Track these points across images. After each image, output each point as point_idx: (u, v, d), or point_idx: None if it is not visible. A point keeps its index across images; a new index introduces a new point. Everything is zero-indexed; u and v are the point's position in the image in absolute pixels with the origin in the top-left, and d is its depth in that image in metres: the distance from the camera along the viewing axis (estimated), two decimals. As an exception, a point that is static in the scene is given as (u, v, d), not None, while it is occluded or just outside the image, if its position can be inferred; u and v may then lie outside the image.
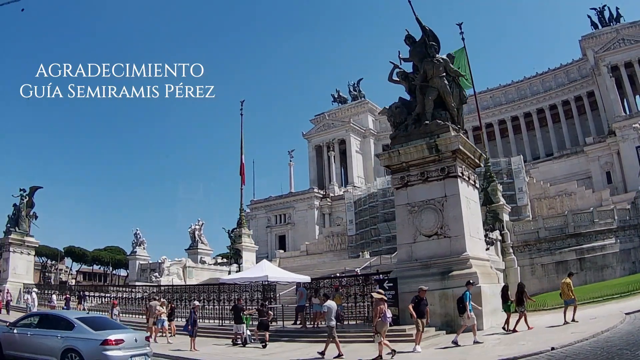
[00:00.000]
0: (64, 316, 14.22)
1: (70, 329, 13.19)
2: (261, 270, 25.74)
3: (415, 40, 23.48)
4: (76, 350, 12.66)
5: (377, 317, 15.40)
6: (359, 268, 41.31)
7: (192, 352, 17.88)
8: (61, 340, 13.01)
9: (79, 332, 13.04)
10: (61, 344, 12.95)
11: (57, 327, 13.52)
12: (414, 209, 21.10)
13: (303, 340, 19.59)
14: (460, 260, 19.98)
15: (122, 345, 12.75)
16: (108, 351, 12.41)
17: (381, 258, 47.97)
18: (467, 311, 16.43)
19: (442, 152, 20.89)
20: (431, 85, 22.14)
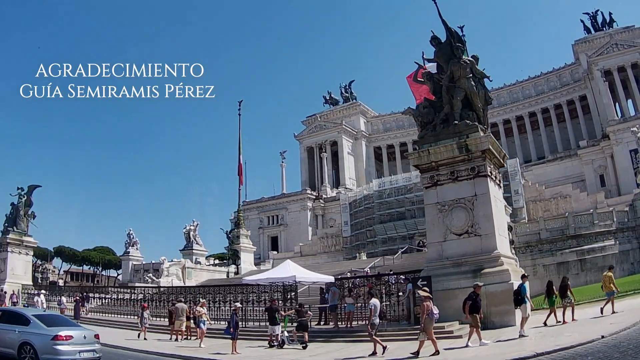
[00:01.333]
0: (22, 312, 15.96)
1: (27, 325, 14.76)
2: (287, 271, 25.94)
3: (440, 42, 23.95)
4: (31, 343, 14.20)
5: (424, 314, 15.77)
6: (367, 268, 41.61)
7: (234, 356, 17.83)
8: (18, 334, 14.61)
9: (34, 328, 14.59)
10: (18, 337, 14.53)
11: (16, 323, 15.08)
12: (444, 208, 21.58)
13: (340, 341, 19.77)
14: (491, 258, 20.49)
15: (71, 340, 14.27)
16: (58, 345, 13.98)
17: (384, 259, 48.31)
18: (524, 303, 16.95)
19: (472, 152, 21.39)
20: (458, 86, 22.63)
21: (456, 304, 19.79)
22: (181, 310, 23.49)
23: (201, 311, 21.89)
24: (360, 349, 16.46)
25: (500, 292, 19.72)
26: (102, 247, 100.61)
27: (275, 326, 20.11)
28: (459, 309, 19.57)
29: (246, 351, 18.80)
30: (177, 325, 23.42)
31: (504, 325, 19.20)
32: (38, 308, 33.35)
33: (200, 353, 18.66)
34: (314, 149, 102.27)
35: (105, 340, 22.36)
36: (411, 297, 20.62)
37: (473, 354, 14.42)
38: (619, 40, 75.80)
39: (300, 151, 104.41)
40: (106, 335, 24.62)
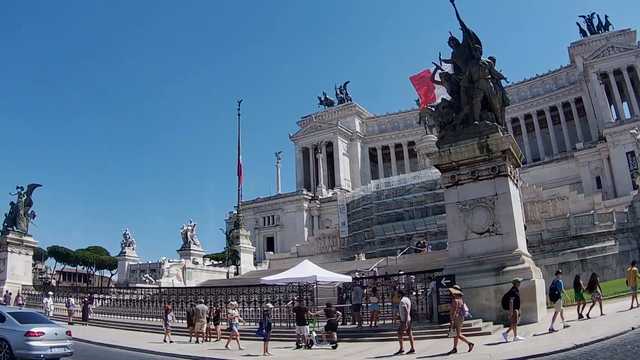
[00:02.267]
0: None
1: (2, 322, 15.67)
2: (306, 271, 26.04)
3: (458, 43, 24.37)
4: (5, 339, 15.13)
5: (455, 311, 16.11)
6: (375, 268, 41.94)
7: (266, 357, 17.79)
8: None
9: (9, 325, 15.52)
10: None
11: None
12: (465, 207, 21.99)
13: (368, 340, 19.86)
14: (513, 257, 20.94)
15: (42, 337, 15.27)
16: (30, 341, 14.92)
17: (387, 259, 48.67)
18: (560, 298, 17.38)
19: (492, 152, 21.84)
20: (477, 87, 23.05)
21: (479, 301, 20.30)
22: (202, 311, 23.27)
23: (233, 313, 21.58)
24: (391, 347, 16.51)
25: (522, 290, 20.03)
26: (95, 247, 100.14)
27: (303, 326, 19.99)
28: (481, 306, 20.14)
29: (276, 352, 18.69)
30: (197, 327, 23.21)
31: (526, 322, 19.47)
32: (48, 310, 33.25)
33: (232, 355, 18.59)
34: (309, 149, 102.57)
35: (129, 344, 22.28)
36: (434, 296, 20.90)
37: (512, 348, 14.74)
38: (615, 43, 76.91)
39: (295, 152, 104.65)
40: (126, 339, 24.62)
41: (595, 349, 13.01)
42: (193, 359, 18.60)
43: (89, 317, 33.65)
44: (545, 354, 12.96)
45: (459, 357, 14.01)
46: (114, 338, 24.72)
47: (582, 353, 12.84)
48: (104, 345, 22.59)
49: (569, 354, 12.93)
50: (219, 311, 24.95)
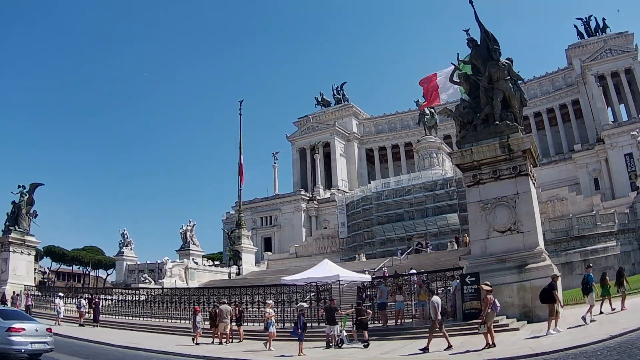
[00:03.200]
0: None
1: None
2: (327, 270, 26.20)
3: (477, 44, 24.81)
4: None
5: (487, 307, 16.52)
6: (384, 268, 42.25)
7: (301, 357, 17.76)
8: None
9: None
10: None
11: None
12: (487, 206, 22.41)
13: (396, 338, 20.10)
14: (534, 254, 21.42)
15: (23, 332, 16.09)
16: (11, 336, 15.70)
17: (392, 259, 48.98)
18: (592, 292, 17.87)
19: (513, 152, 22.28)
20: (497, 87, 23.50)
21: (502, 299, 20.56)
22: (225, 312, 22.96)
23: (270, 312, 21.23)
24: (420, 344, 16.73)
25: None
26: (91, 246, 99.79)
27: (334, 326, 19.88)
28: (504, 303, 20.48)
29: (310, 352, 18.51)
30: (221, 328, 22.88)
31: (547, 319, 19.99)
32: (60, 311, 32.89)
33: (265, 356, 18.62)
34: (306, 150, 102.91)
35: (153, 346, 21.86)
36: (457, 294, 21.28)
37: (550, 340, 15.19)
38: (612, 46, 77.96)
39: (292, 152, 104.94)
40: (148, 341, 24.16)
41: (631, 339, 13.53)
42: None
43: (99, 319, 33.17)
44: (585, 345, 13.45)
45: (501, 351, 14.30)
46: (133, 340, 24.42)
47: (619, 343, 13.40)
48: (127, 348, 22.16)
49: (607, 344, 13.45)
50: (242, 312, 24.87)
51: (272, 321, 20.84)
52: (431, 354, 15.58)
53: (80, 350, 21.35)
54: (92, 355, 20.72)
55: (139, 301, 38.31)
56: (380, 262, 52.77)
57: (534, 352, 13.35)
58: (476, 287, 20.65)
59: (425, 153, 74.25)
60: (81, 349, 22.03)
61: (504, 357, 13.32)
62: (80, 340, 24.87)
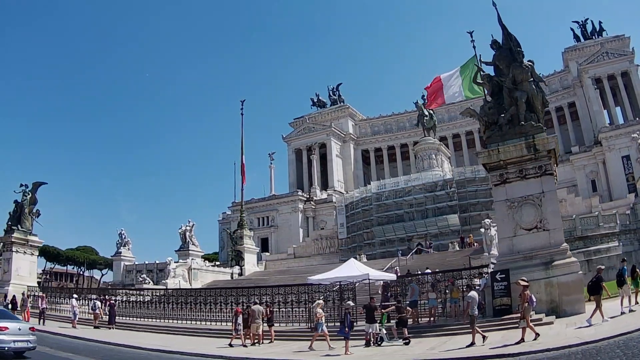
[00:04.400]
0: None
1: None
2: (355, 269, 26.70)
3: (500, 46, 25.52)
4: None
5: (524, 302, 17.15)
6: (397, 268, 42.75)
7: (348, 356, 17.97)
8: None
9: None
10: None
11: None
12: (513, 205, 23.10)
13: (432, 335, 20.56)
14: (560, 251, 22.16)
15: (6, 331, 16.91)
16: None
17: (399, 260, 49.60)
18: (625, 284, 18.60)
19: (539, 151, 23.02)
20: (521, 88, 24.22)
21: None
22: (257, 312, 22.88)
23: (320, 312, 20.91)
24: (462, 341, 17.31)
25: (571, 282, 21.43)
26: (85, 246, 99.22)
27: (373, 324, 19.97)
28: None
29: (353, 351, 18.63)
30: (253, 329, 22.70)
31: (574, 313, 20.66)
32: (76, 312, 32.50)
33: (312, 356, 18.81)
34: (302, 151, 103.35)
35: (190, 350, 21.38)
36: (487, 291, 21.91)
37: (593, 331, 15.87)
38: (609, 49, 79.41)
39: (288, 153, 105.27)
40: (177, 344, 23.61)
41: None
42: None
43: (115, 321, 32.67)
44: (629, 332, 14.17)
45: (551, 341, 14.92)
46: (162, 343, 24.10)
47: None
48: (160, 351, 21.61)
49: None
50: (273, 312, 24.83)
51: (322, 321, 20.66)
52: (480, 347, 16.09)
53: (116, 356, 21.25)
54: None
55: (150, 302, 37.87)
56: (381, 262, 53.25)
57: (584, 341, 14.05)
58: (506, 284, 21.34)
59: (424, 154, 74.91)
60: (116, 354, 21.83)
61: (558, 346, 13.91)
62: (107, 344, 24.28)
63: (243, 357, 19.52)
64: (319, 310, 21.06)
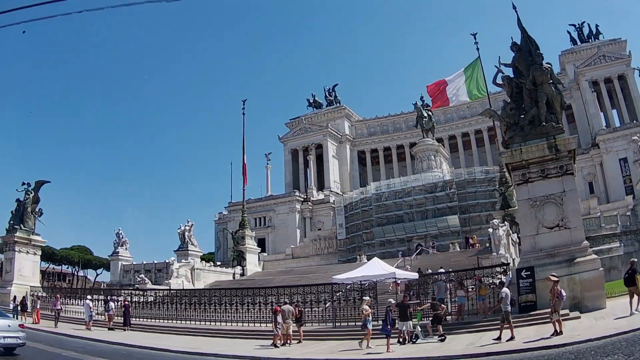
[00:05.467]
0: None
1: None
2: (380, 268, 27.28)
3: (520, 48, 26.31)
4: None
5: (555, 296, 17.90)
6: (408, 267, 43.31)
7: (390, 354, 18.14)
8: None
9: None
10: None
11: None
12: (536, 204, 23.83)
13: (463, 332, 21.08)
14: (581, 249, 22.98)
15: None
16: None
17: (405, 260, 50.18)
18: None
19: (560, 152, 23.79)
20: (541, 90, 25.00)
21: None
22: (287, 312, 22.87)
23: (367, 309, 20.95)
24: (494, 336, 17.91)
25: (592, 279, 22.22)
26: (79, 246, 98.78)
27: (407, 322, 20.21)
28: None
29: (393, 349, 18.79)
30: (284, 329, 22.57)
31: (596, 309, 21.44)
32: (91, 313, 32.23)
33: (356, 354, 19.01)
34: (299, 151, 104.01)
35: (225, 351, 21.10)
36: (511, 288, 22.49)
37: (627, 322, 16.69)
38: (606, 52, 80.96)
39: (284, 153, 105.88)
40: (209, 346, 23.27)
41: None
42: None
43: (130, 323, 32.37)
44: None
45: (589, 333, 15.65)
46: (187, 344, 23.71)
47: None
48: (191, 353, 21.24)
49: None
50: (302, 312, 24.93)
51: (369, 319, 20.56)
52: (519, 342, 16.72)
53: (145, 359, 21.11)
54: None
55: (161, 302, 37.61)
56: (402, 261, 53.90)
57: (622, 331, 14.82)
58: (531, 281, 22.08)
59: (423, 155, 75.75)
60: (145, 357, 21.56)
61: (599, 336, 14.65)
62: (132, 347, 23.70)
63: (284, 357, 19.49)
64: (365, 307, 21.16)
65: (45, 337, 27.20)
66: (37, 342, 23.42)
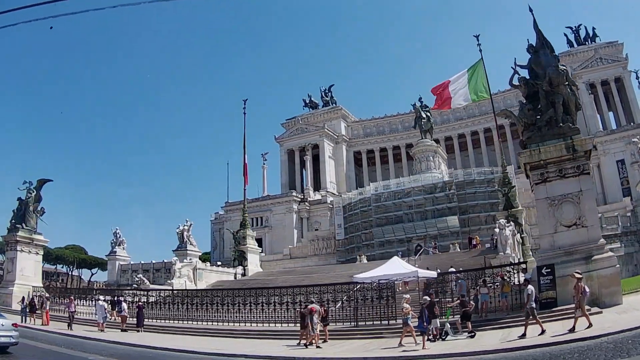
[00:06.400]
0: None
1: None
2: (402, 267, 27.97)
3: (536, 50, 27.07)
4: None
5: (580, 293, 18.63)
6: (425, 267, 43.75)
7: (426, 351, 18.31)
8: None
9: None
10: None
11: None
12: (554, 203, 24.58)
13: (489, 328, 21.74)
14: (598, 247, 23.75)
15: None
16: None
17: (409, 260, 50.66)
18: None
19: (577, 152, 24.58)
20: (557, 92, 25.80)
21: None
22: (316, 312, 22.71)
23: (408, 307, 20.98)
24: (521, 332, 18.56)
25: (609, 276, 22.97)
26: (74, 245, 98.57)
27: (435, 319, 20.48)
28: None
29: (437, 346, 19.16)
30: (311, 329, 22.25)
31: (613, 305, 22.19)
32: (106, 314, 32.07)
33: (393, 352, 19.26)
34: (295, 151, 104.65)
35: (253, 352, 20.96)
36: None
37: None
38: (603, 55, 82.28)
39: (281, 153, 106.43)
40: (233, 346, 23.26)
41: None
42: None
43: (143, 324, 32.00)
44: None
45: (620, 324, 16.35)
46: (211, 345, 23.61)
47: None
48: (220, 355, 21.07)
49: None
50: (328, 311, 25.07)
51: (409, 316, 20.63)
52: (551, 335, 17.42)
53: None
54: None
55: (172, 303, 37.30)
56: (378, 264, 54.32)
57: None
58: (552, 278, 22.78)
59: (422, 156, 76.45)
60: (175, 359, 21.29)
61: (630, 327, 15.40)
62: (155, 350, 23.23)
63: (321, 357, 19.60)
64: (406, 305, 21.22)
65: (64, 340, 26.63)
66: (55, 345, 23.41)
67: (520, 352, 15.36)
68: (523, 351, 15.55)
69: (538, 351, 15.10)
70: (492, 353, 16.09)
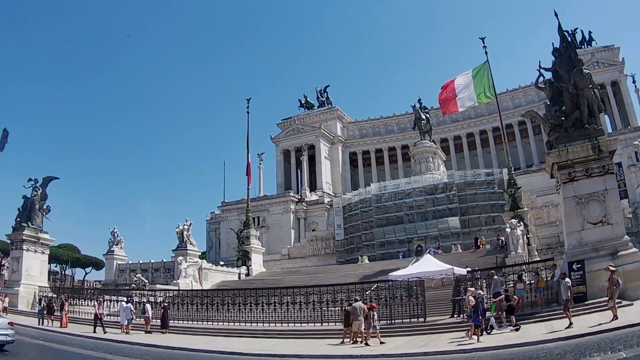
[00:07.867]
0: None
1: None
2: (435, 265, 29.02)
3: (561, 53, 28.41)
4: None
5: (613, 285, 19.92)
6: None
7: (480, 344, 18.89)
8: None
9: None
10: None
11: None
12: (581, 201, 25.90)
13: (528, 322, 22.64)
14: (623, 243, 25.18)
15: None
16: None
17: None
18: None
19: (602, 152, 25.94)
20: (582, 94, 27.14)
21: (599, 283, 23.97)
22: (359, 310, 22.74)
23: (473, 301, 21.04)
24: (559, 324, 19.82)
25: (634, 270, 24.20)
26: (67, 244, 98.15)
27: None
28: (602, 287, 23.71)
29: (490, 339, 19.69)
30: (355, 327, 22.61)
31: (637, 298, 23.38)
32: (131, 316, 31.01)
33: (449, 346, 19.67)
34: (291, 152, 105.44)
35: (301, 351, 21.00)
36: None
37: None
38: (600, 59, 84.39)
39: (276, 154, 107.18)
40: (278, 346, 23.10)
41: None
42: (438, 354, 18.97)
43: (169, 325, 31.46)
44: None
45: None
46: (247, 346, 23.39)
47: None
48: (263, 355, 21.01)
49: None
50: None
51: (473, 310, 20.82)
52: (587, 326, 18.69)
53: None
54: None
55: (191, 303, 36.44)
56: (381, 264, 55.26)
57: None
58: (582, 273, 24.08)
59: (421, 157, 77.58)
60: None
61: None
62: (195, 352, 22.80)
63: (377, 354, 19.56)
64: (471, 298, 21.47)
65: (96, 344, 25.94)
66: (90, 350, 22.92)
67: (576, 340, 16.44)
68: (577, 339, 16.62)
69: (594, 338, 16.27)
70: (550, 342, 17.01)
